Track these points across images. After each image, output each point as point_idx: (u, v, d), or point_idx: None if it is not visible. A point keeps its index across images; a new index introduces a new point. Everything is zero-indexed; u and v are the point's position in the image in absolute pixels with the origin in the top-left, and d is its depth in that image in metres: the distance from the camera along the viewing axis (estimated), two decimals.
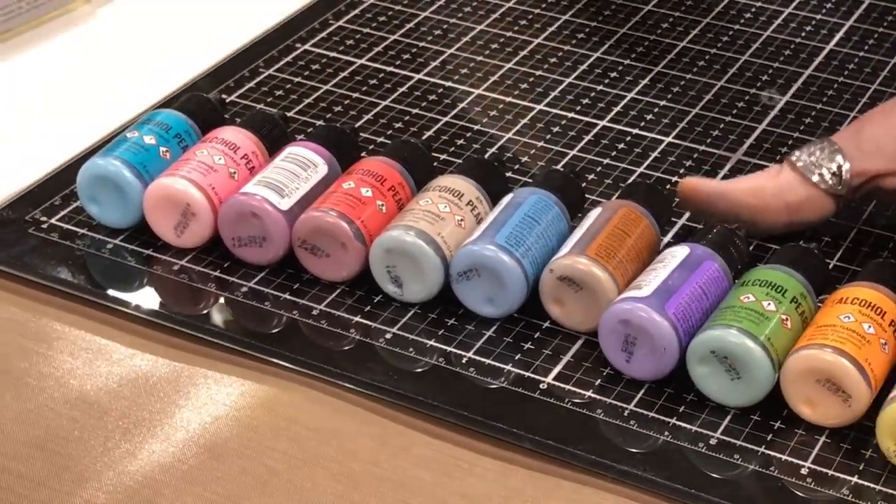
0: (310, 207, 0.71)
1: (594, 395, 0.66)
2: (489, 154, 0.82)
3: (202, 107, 0.78)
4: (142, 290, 0.72)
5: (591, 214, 0.71)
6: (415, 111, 0.86)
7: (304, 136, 0.78)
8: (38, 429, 0.63)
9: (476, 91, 0.88)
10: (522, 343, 0.69)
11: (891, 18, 0.95)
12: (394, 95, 0.87)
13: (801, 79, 0.89)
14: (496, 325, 0.70)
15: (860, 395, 0.63)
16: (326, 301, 0.71)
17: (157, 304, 0.71)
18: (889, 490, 0.61)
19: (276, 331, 0.70)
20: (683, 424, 0.64)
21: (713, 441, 0.64)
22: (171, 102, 0.82)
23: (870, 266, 0.69)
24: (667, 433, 0.64)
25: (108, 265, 0.73)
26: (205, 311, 0.71)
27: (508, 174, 0.78)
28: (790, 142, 0.83)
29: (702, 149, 0.83)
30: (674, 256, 0.68)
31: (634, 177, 0.80)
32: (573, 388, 0.66)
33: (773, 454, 0.63)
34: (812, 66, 0.90)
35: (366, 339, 0.69)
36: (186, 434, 0.63)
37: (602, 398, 0.66)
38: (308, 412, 0.64)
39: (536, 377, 0.67)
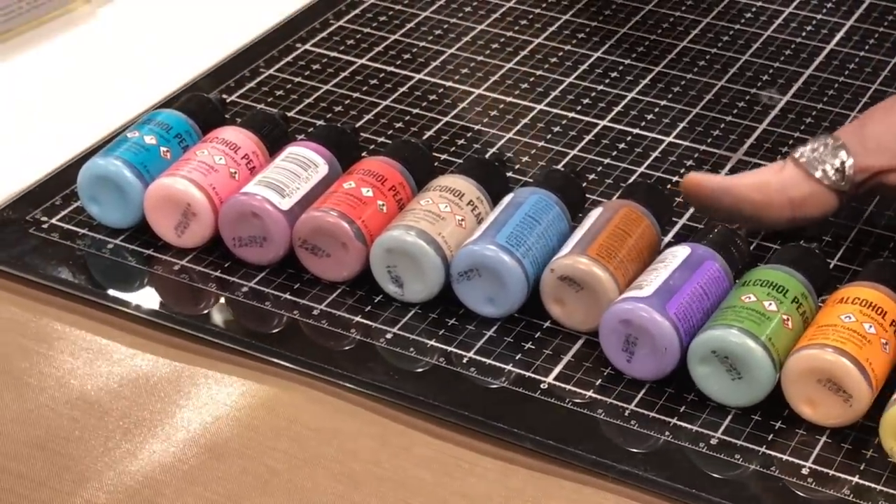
0: (310, 207, 0.71)
1: (595, 395, 0.66)
2: (490, 154, 0.82)
3: (203, 107, 0.78)
4: (142, 290, 0.72)
5: (592, 214, 0.71)
6: (415, 111, 0.86)
7: (305, 136, 0.78)
8: (39, 429, 0.63)
9: (477, 91, 0.88)
10: (523, 343, 0.69)
11: (891, 18, 0.95)
12: (394, 95, 0.87)
13: (802, 79, 0.89)
14: (497, 325, 0.70)
15: (861, 395, 0.63)
16: (327, 301, 0.71)
17: (158, 304, 0.71)
18: (890, 490, 0.61)
19: (277, 331, 0.70)
20: (684, 424, 0.64)
21: (714, 441, 0.64)
22: (172, 102, 0.82)
23: (870, 266, 0.69)
24: (668, 433, 0.64)
25: (109, 265, 0.73)
26: (205, 311, 0.71)
27: (509, 174, 0.78)
28: (791, 142, 0.83)
29: (702, 149, 0.83)
30: (675, 256, 0.68)
31: (635, 177, 0.80)
32: (574, 388, 0.66)
33: (774, 454, 0.63)
34: (812, 66, 0.90)
35: (366, 339, 0.69)
36: (187, 434, 0.63)
37: (603, 398, 0.66)
38: (309, 412, 0.64)
39: (537, 377, 0.67)
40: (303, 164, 0.73)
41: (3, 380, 0.66)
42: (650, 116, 0.85)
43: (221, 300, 0.71)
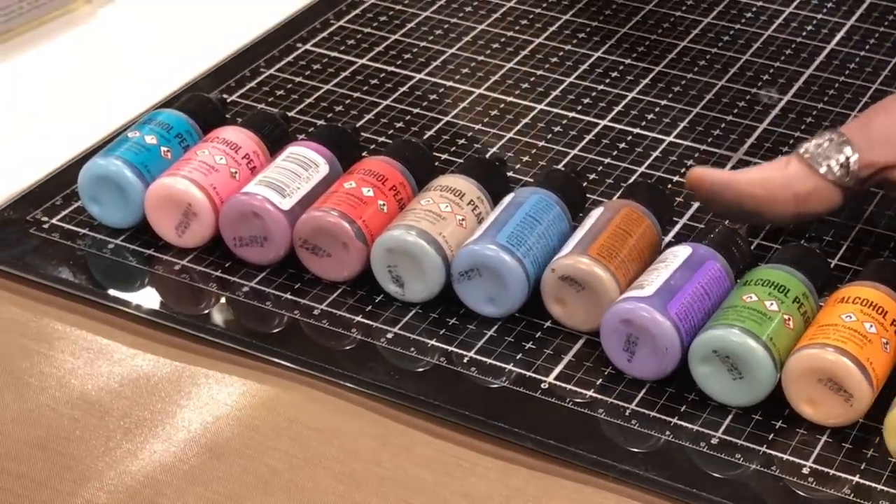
0: (311, 207, 0.71)
1: (596, 395, 0.66)
2: (490, 154, 0.82)
3: (203, 107, 0.78)
4: (143, 290, 0.72)
5: (593, 214, 0.71)
6: (416, 111, 0.86)
7: (306, 136, 0.78)
8: (40, 429, 0.63)
9: (477, 91, 0.88)
10: (524, 343, 0.69)
11: (892, 18, 0.95)
12: (395, 95, 0.87)
13: (802, 78, 0.89)
14: (497, 325, 0.70)
15: (862, 395, 0.63)
16: (328, 301, 0.71)
17: (159, 304, 0.71)
18: (891, 490, 0.61)
19: (278, 330, 0.70)
20: (685, 424, 0.64)
21: (715, 440, 0.64)
22: (173, 102, 0.82)
23: (871, 265, 0.69)
24: (668, 433, 0.64)
25: (110, 265, 0.73)
26: (206, 311, 0.71)
27: (509, 174, 0.78)
28: (791, 141, 0.83)
29: (703, 148, 0.83)
30: (676, 256, 0.68)
31: (636, 176, 0.80)
32: (574, 388, 0.66)
33: (775, 454, 0.63)
34: (813, 66, 0.90)
35: (367, 339, 0.69)
36: (188, 434, 0.63)
37: (603, 398, 0.66)
38: (309, 412, 0.64)
39: (538, 377, 0.67)
40: (303, 164, 0.73)
41: (4, 380, 0.66)
42: (650, 116, 0.85)
43: (222, 300, 0.71)
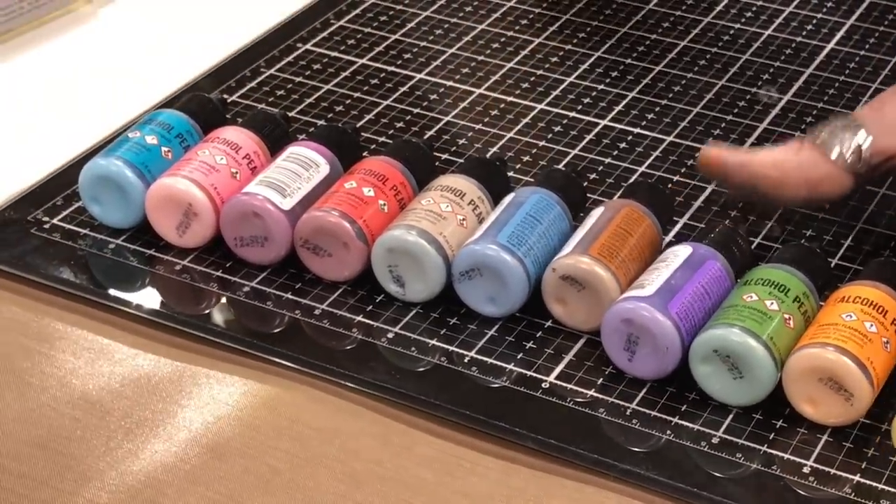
0: (312, 207, 0.71)
1: (596, 395, 0.66)
2: (491, 154, 0.82)
3: (204, 107, 0.78)
4: (144, 290, 0.72)
5: (594, 214, 0.71)
6: (416, 111, 0.86)
7: (306, 136, 0.78)
8: (41, 428, 0.63)
9: (477, 91, 0.88)
10: (524, 342, 0.69)
11: (891, 17, 0.95)
12: (395, 95, 0.87)
13: (802, 78, 0.89)
14: (498, 325, 0.70)
15: (862, 394, 0.63)
16: (328, 301, 0.71)
17: (159, 304, 0.71)
18: (891, 489, 0.61)
19: (279, 330, 0.70)
20: (686, 423, 0.64)
21: (715, 440, 0.64)
22: (173, 102, 0.82)
23: (871, 265, 0.69)
24: (669, 432, 0.64)
25: (110, 265, 0.73)
26: (207, 311, 0.71)
27: (510, 174, 0.78)
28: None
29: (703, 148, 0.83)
30: (676, 256, 0.68)
31: (636, 176, 0.80)
32: (575, 388, 0.66)
33: (776, 453, 0.63)
34: (813, 66, 0.90)
35: (368, 339, 0.69)
36: (189, 433, 0.63)
37: (604, 397, 0.66)
38: (310, 411, 0.64)
39: (539, 376, 0.67)
40: (304, 164, 0.73)
41: (5, 379, 0.66)
42: (651, 116, 0.85)
43: (223, 300, 0.71)
